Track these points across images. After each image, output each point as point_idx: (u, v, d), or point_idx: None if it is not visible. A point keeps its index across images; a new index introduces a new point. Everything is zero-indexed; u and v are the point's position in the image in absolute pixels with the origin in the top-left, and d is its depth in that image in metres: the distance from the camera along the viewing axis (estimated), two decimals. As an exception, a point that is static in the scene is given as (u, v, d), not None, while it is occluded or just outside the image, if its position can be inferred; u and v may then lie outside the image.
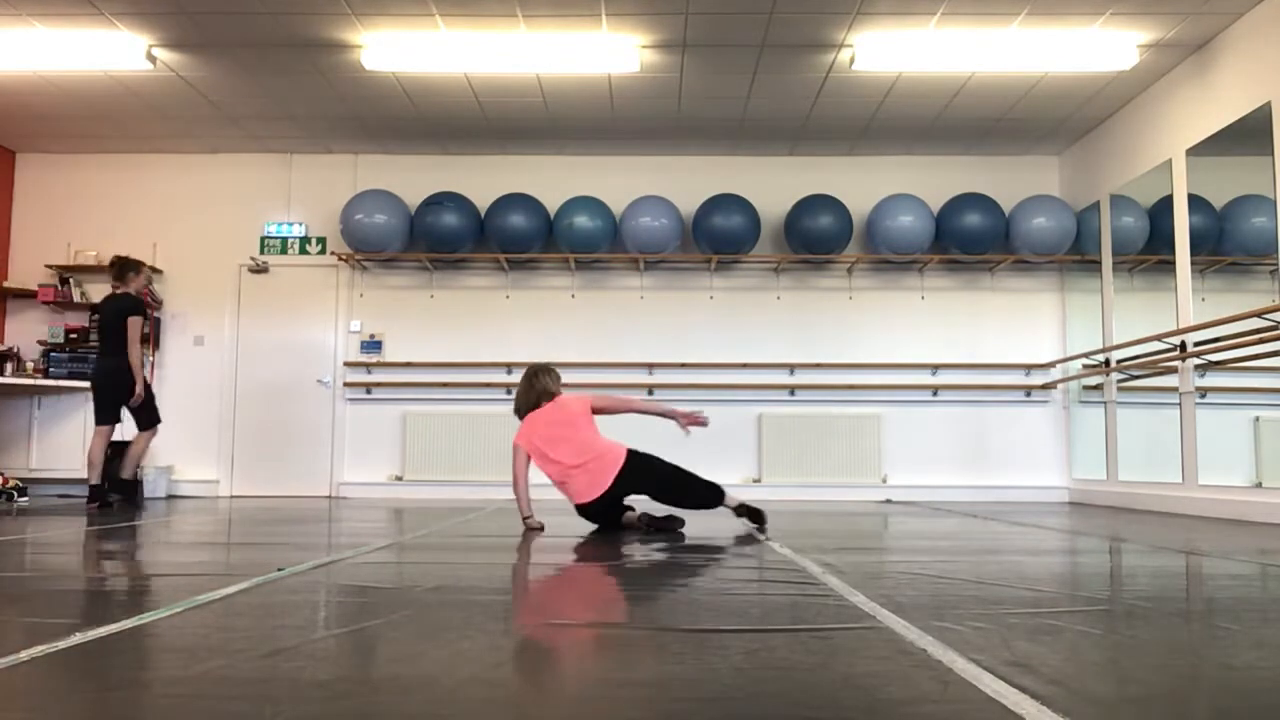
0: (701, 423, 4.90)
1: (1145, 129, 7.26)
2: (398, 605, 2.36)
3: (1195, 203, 6.64)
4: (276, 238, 8.80)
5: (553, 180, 8.63)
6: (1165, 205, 6.94)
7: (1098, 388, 7.96)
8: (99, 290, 8.70)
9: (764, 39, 6.40)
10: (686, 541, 4.17)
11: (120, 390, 6.57)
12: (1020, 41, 6.36)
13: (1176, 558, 3.53)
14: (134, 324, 6.54)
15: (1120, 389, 7.65)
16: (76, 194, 8.85)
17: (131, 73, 6.97)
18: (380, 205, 8.24)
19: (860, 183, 8.62)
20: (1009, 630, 2.01)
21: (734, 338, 8.61)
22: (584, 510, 4.92)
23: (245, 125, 8.15)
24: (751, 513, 4.87)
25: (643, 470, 4.87)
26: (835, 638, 1.93)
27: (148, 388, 6.70)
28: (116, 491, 6.74)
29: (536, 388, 5.05)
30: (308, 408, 8.61)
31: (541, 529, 4.79)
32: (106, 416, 6.61)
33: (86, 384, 8.25)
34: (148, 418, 6.74)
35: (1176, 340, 6.65)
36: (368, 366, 8.61)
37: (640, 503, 5.16)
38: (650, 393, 8.53)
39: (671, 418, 4.98)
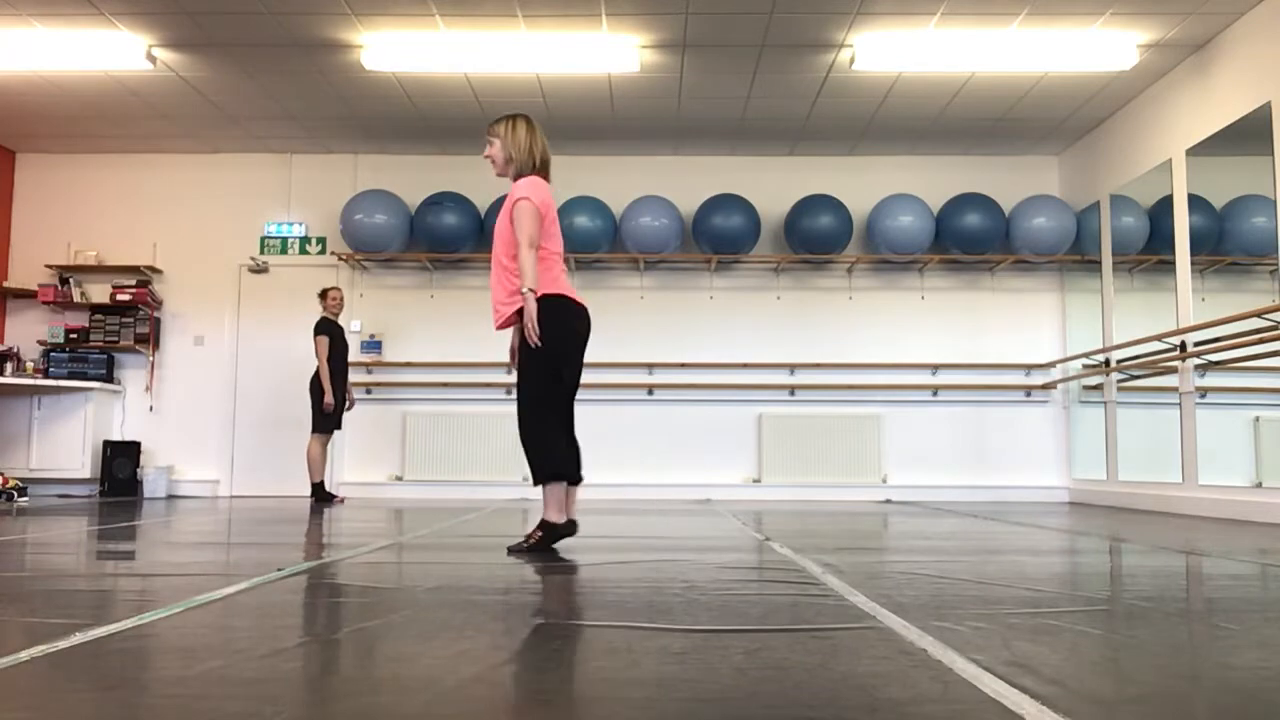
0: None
1: (1145, 129, 7.26)
2: (398, 605, 2.36)
3: (1195, 203, 6.64)
4: (276, 238, 8.80)
5: (553, 180, 8.61)
6: (1165, 205, 6.94)
7: (1098, 388, 7.96)
8: (99, 290, 8.72)
9: (764, 39, 6.40)
10: (686, 542, 4.17)
11: (315, 399, 7.53)
12: (1020, 41, 6.36)
13: (1176, 558, 3.53)
14: (319, 342, 7.53)
15: (1120, 389, 7.65)
16: (76, 194, 8.85)
17: (131, 73, 6.97)
18: (380, 205, 8.24)
19: (860, 183, 8.62)
20: (1009, 630, 2.01)
21: (734, 338, 8.61)
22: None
23: (245, 125, 8.15)
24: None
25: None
26: (835, 638, 1.93)
27: (337, 395, 7.56)
28: (315, 496, 7.53)
29: (541, 145, 3.91)
30: (308, 408, 8.59)
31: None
32: (313, 424, 7.55)
33: (85, 384, 8.27)
34: (317, 422, 7.51)
35: (1176, 340, 6.65)
36: (368, 366, 8.61)
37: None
38: (650, 393, 8.53)
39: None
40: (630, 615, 2.23)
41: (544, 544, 3.68)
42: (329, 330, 7.57)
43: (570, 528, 3.76)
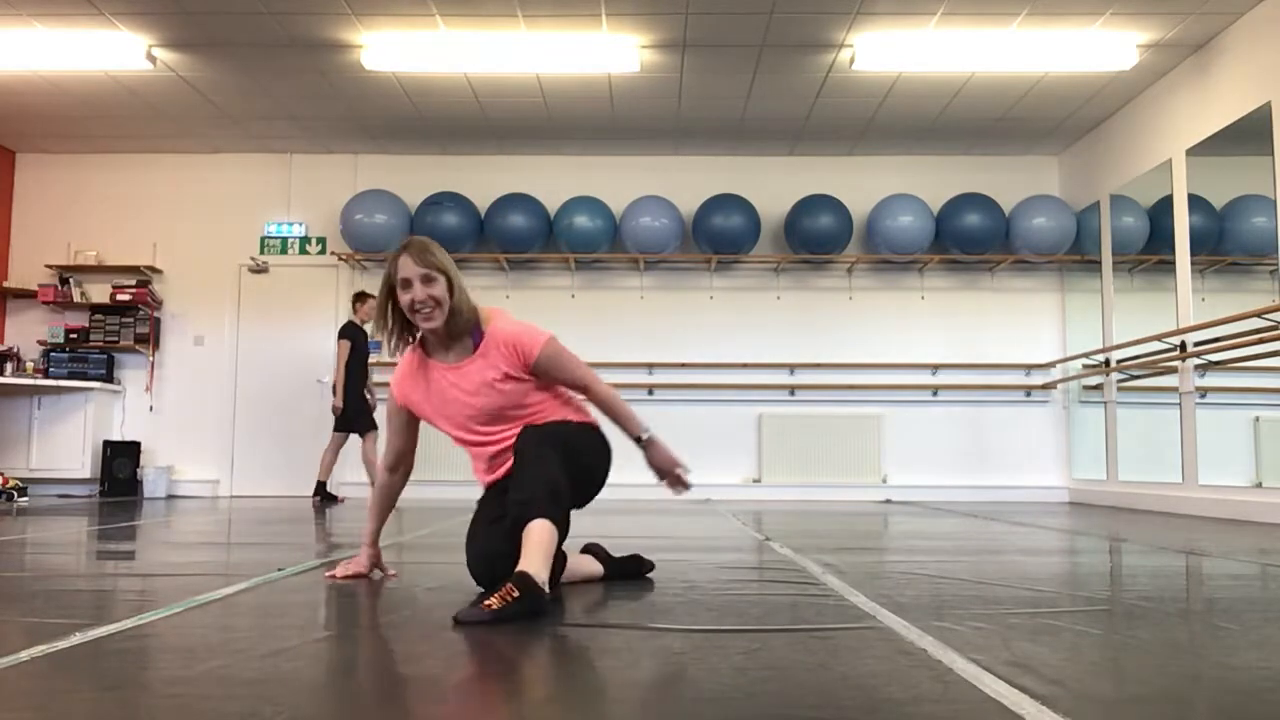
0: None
1: (1145, 129, 7.26)
2: (398, 605, 2.36)
3: (1195, 203, 6.64)
4: (276, 238, 8.80)
5: (553, 180, 8.63)
6: (1165, 205, 6.94)
7: (1098, 388, 7.96)
8: (99, 290, 8.72)
9: (764, 39, 6.40)
10: (686, 542, 4.17)
11: (343, 401, 7.45)
12: (1020, 41, 6.36)
13: (1176, 558, 3.53)
14: (341, 346, 7.45)
15: (1120, 389, 7.65)
16: (76, 194, 8.85)
17: (131, 73, 6.97)
18: (380, 205, 8.24)
19: (860, 183, 8.61)
20: (1009, 630, 2.01)
21: (734, 338, 8.61)
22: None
23: (245, 125, 8.15)
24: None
25: None
26: (835, 638, 1.93)
27: (363, 400, 7.51)
28: (318, 495, 7.55)
29: None
30: (308, 408, 8.60)
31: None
32: (335, 424, 7.55)
33: (85, 384, 8.27)
34: (340, 424, 7.49)
35: (1176, 340, 6.65)
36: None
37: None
38: (650, 393, 8.52)
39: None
40: (630, 615, 2.23)
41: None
42: (352, 336, 7.50)
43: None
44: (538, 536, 2.28)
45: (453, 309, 2.50)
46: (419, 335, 2.61)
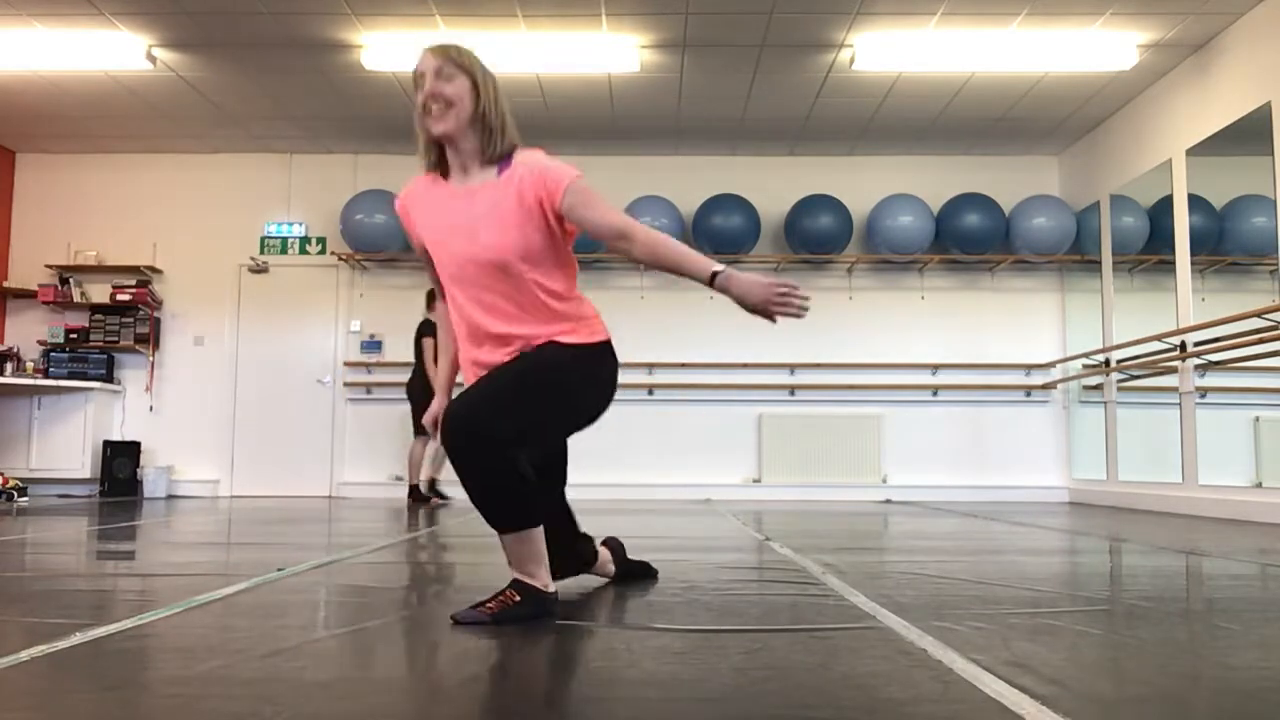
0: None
1: (1145, 129, 7.26)
2: (398, 605, 2.36)
3: (1195, 203, 6.64)
4: (276, 238, 8.80)
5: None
6: (1165, 205, 6.94)
7: (1098, 388, 7.96)
8: (99, 290, 8.71)
9: (764, 39, 6.40)
10: (686, 542, 4.17)
11: (419, 402, 7.34)
12: (1020, 41, 6.36)
13: (1176, 558, 3.53)
14: (428, 345, 7.37)
15: (1120, 389, 7.65)
16: (76, 194, 8.85)
17: (131, 73, 6.97)
18: (380, 205, 8.25)
19: (860, 183, 8.61)
20: (1009, 630, 2.01)
21: (734, 338, 8.61)
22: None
23: (245, 125, 8.15)
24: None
25: None
26: (835, 638, 1.93)
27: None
28: (411, 497, 7.52)
29: None
30: (308, 408, 8.60)
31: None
32: (418, 427, 7.47)
33: (85, 384, 8.27)
34: (418, 425, 7.38)
35: (1176, 340, 6.65)
36: (368, 366, 8.61)
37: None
38: (650, 393, 8.52)
39: None
40: (630, 615, 2.23)
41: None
42: (434, 332, 7.43)
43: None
44: (516, 547, 2.17)
45: (482, 121, 2.24)
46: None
